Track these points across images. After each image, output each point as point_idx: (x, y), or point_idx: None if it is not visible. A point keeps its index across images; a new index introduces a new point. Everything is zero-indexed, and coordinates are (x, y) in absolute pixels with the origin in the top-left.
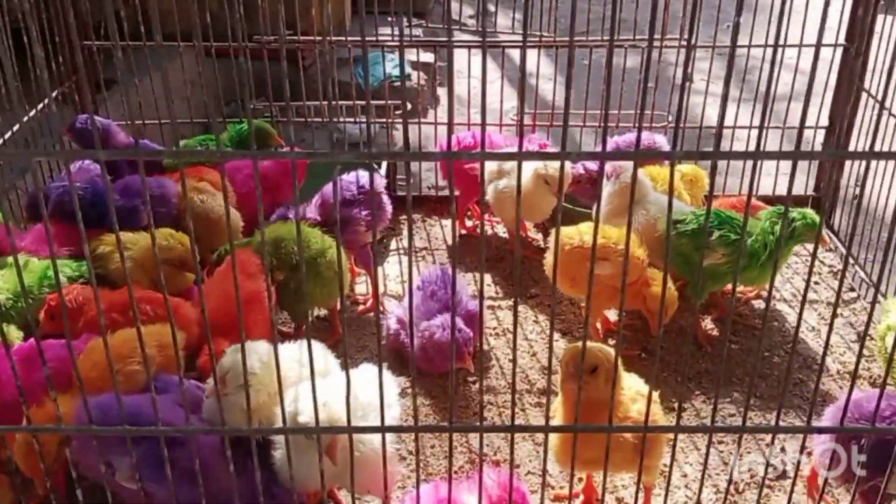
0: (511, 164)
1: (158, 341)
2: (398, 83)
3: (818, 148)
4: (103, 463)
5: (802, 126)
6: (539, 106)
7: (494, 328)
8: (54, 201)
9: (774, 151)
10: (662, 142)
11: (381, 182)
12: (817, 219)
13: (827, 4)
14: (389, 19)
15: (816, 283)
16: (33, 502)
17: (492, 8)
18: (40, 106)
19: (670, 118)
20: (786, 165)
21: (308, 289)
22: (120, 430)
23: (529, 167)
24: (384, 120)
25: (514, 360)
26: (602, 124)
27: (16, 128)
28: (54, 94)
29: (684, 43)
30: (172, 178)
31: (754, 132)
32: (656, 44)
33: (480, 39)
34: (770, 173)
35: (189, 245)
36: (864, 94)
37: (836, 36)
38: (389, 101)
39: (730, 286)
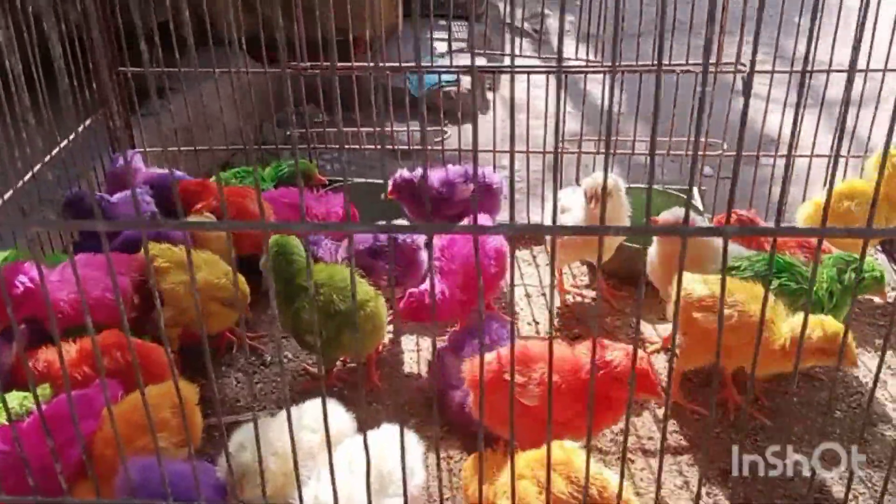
0: (573, 200)
1: (174, 402)
2: (450, 88)
3: None
4: None
5: None
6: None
7: None
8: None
9: (840, 229)
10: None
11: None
12: (886, 273)
13: None
14: (441, 23)
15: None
16: None
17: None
18: (71, 136)
19: (725, 146)
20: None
21: (345, 340)
22: None
23: (580, 196)
24: (437, 127)
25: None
26: (651, 152)
27: (36, 168)
28: (86, 123)
29: (741, 67)
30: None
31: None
32: (711, 68)
33: (545, 64)
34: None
35: (245, 289)
36: None
37: None
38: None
39: None
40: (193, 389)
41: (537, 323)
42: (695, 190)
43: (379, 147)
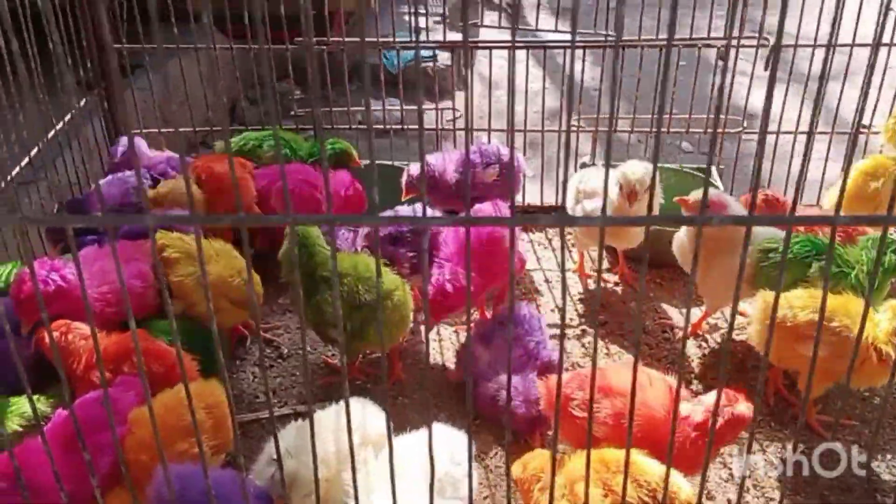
0: (596, 184)
1: (206, 402)
2: (427, 65)
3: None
4: None
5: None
6: (585, 110)
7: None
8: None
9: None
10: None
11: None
12: None
13: None
14: None
15: None
16: None
17: None
18: (67, 117)
19: (745, 123)
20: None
21: (368, 333)
22: None
23: (613, 181)
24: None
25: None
26: (656, 129)
27: (34, 152)
28: (82, 103)
29: (763, 41)
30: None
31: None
32: (734, 42)
33: (511, 37)
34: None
35: (259, 289)
36: None
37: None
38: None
39: None
40: (222, 389)
41: (561, 309)
42: (713, 169)
43: (362, 126)
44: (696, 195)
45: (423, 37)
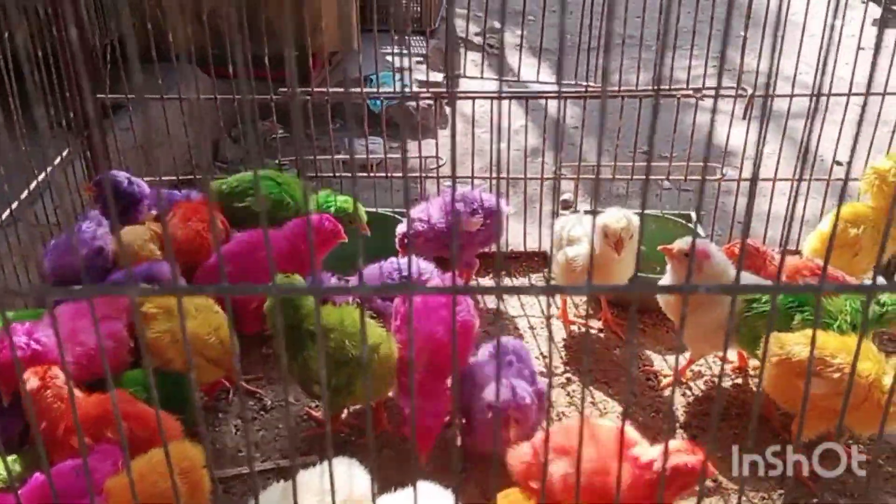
0: (580, 231)
1: (180, 467)
2: (411, 104)
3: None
4: None
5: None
6: (566, 149)
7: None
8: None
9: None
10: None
11: (431, 269)
12: None
13: None
14: (396, 38)
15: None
16: None
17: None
18: (48, 169)
19: (726, 170)
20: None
21: (355, 388)
22: None
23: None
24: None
25: None
26: (646, 176)
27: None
28: (64, 155)
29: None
30: None
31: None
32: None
33: (498, 87)
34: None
35: (229, 347)
36: None
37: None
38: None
39: None
40: (200, 451)
41: (545, 357)
42: (692, 215)
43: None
44: (679, 244)
45: (405, 76)
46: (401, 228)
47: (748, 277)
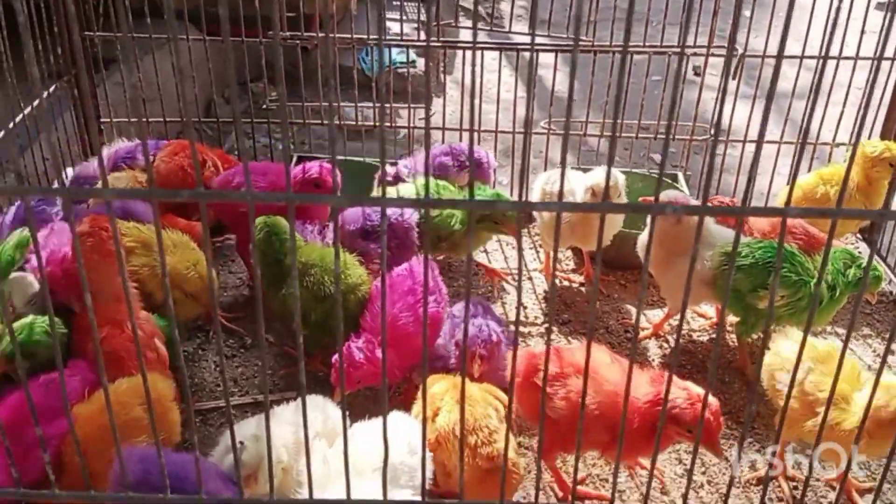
0: (568, 187)
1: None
2: (403, 69)
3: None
4: None
5: None
6: (557, 114)
7: None
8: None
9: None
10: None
11: (412, 216)
12: (884, 274)
13: None
14: (395, 2)
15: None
16: None
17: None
18: (35, 103)
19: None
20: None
21: (334, 324)
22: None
23: (580, 186)
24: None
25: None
26: (612, 133)
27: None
28: (51, 89)
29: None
30: None
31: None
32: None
33: (488, 39)
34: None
35: (208, 282)
36: None
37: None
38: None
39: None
40: (169, 384)
41: (525, 308)
42: (679, 175)
43: (335, 124)
44: (663, 197)
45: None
46: (378, 175)
47: (729, 233)
